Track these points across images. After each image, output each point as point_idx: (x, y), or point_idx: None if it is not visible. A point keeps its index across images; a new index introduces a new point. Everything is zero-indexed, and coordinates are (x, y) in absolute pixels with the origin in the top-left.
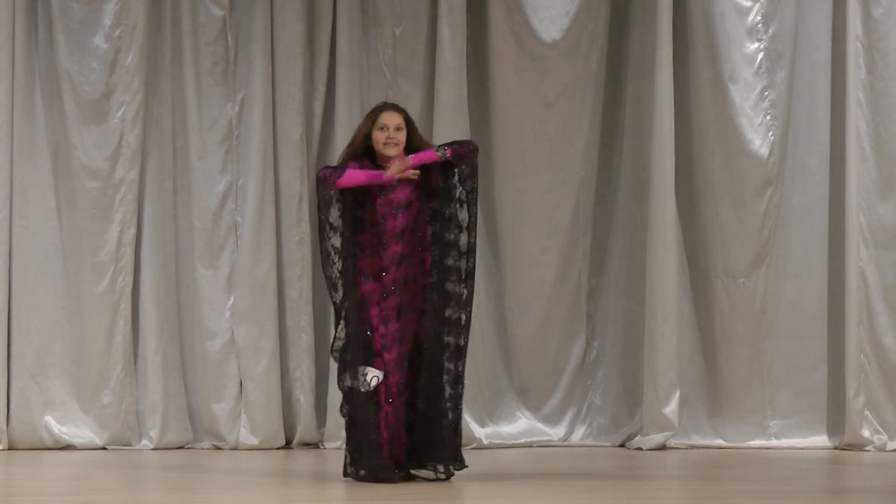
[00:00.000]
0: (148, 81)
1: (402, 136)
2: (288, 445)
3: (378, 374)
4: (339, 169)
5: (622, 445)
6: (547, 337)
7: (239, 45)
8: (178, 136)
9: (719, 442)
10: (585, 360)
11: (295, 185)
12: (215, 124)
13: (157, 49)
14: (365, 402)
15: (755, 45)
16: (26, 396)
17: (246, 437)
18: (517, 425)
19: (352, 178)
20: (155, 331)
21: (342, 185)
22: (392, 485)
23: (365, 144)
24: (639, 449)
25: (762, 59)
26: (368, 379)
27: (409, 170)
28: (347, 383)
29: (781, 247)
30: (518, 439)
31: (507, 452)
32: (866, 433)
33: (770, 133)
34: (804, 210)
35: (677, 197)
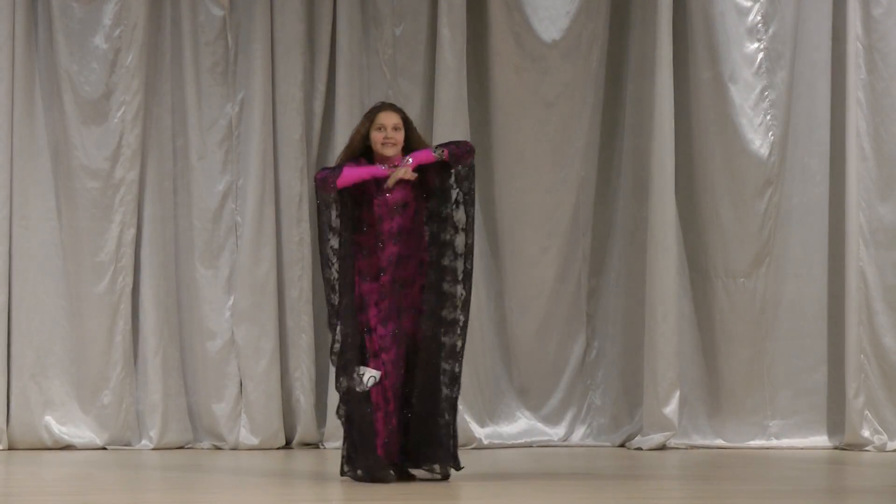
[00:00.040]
0: (148, 81)
1: (400, 136)
2: (288, 445)
3: (375, 373)
4: (336, 169)
5: (622, 445)
6: (547, 337)
7: (239, 45)
8: (178, 136)
9: (719, 442)
10: (585, 360)
11: (295, 185)
12: (215, 124)
13: (157, 49)
14: (361, 401)
15: (755, 45)
16: (26, 396)
17: (246, 437)
18: (517, 425)
19: (351, 175)
20: (155, 331)
21: (342, 184)
22: (391, 485)
23: (363, 145)
24: (639, 449)
25: (762, 59)
26: (365, 379)
27: (407, 166)
28: (344, 384)
29: (781, 247)
30: (518, 439)
31: (507, 452)
32: (866, 433)
33: (770, 133)
34: (804, 210)
35: (677, 197)
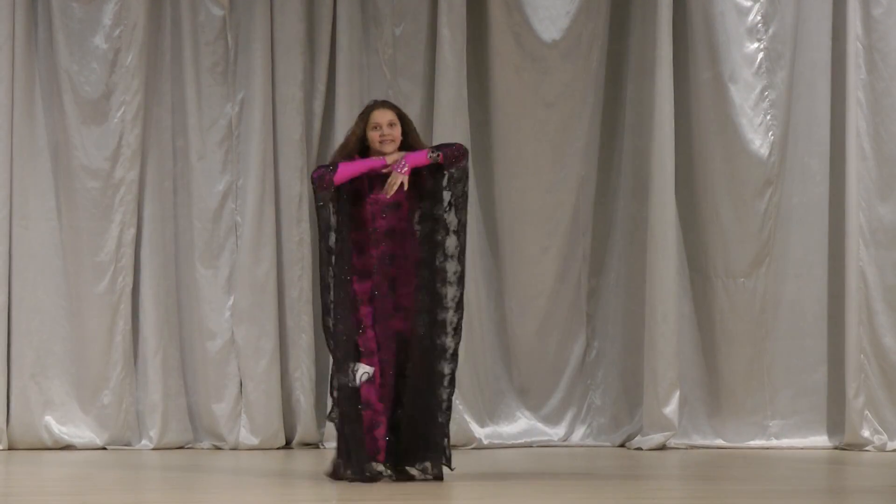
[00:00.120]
0: (148, 81)
1: (397, 132)
2: (288, 445)
3: (368, 369)
4: (332, 166)
5: (622, 445)
6: (547, 337)
7: (239, 45)
8: (178, 136)
9: (719, 442)
10: (585, 360)
11: (295, 185)
12: (215, 124)
13: (157, 49)
14: (354, 399)
15: (755, 45)
16: (26, 396)
17: (246, 437)
18: (517, 425)
19: (347, 170)
20: (155, 331)
21: (339, 180)
22: (391, 485)
23: (360, 146)
24: (639, 449)
25: (762, 59)
26: (359, 374)
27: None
28: (337, 380)
29: (781, 247)
30: (518, 439)
31: (507, 452)
32: (866, 433)
33: (770, 133)
34: (804, 210)
35: (677, 197)
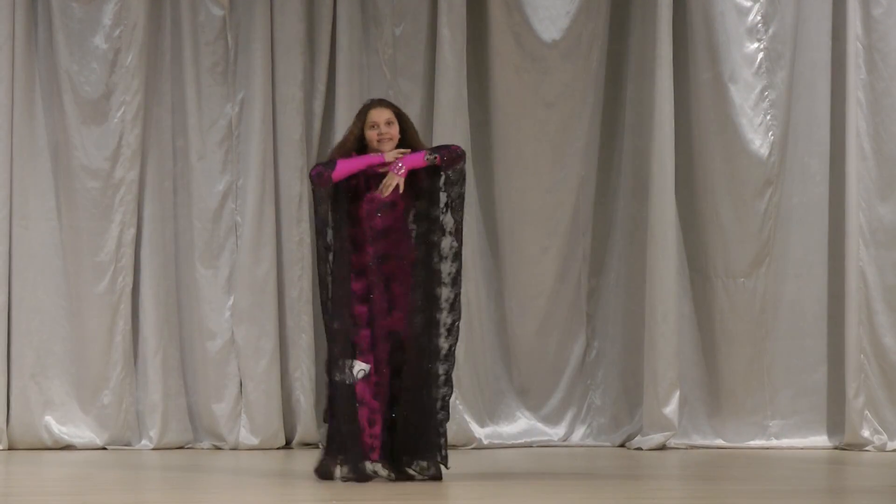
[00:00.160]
0: (148, 81)
1: (395, 130)
2: (288, 445)
3: (364, 366)
4: (330, 163)
5: (622, 445)
6: (547, 337)
7: (239, 45)
8: (178, 136)
9: (719, 442)
10: (585, 360)
11: (295, 185)
12: (215, 124)
13: (157, 49)
14: (349, 397)
15: (755, 45)
16: (26, 396)
17: (246, 437)
18: (517, 425)
19: (345, 167)
20: (155, 331)
21: (337, 176)
22: (391, 485)
23: (357, 145)
24: (639, 449)
25: (762, 59)
26: (355, 371)
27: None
28: (333, 377)
29: (781, 247)
30: (518, 439)
31: (507, 452)
32: (866, 433)
33: (770, 133)
34: (804, 210)
35: (677, 197)
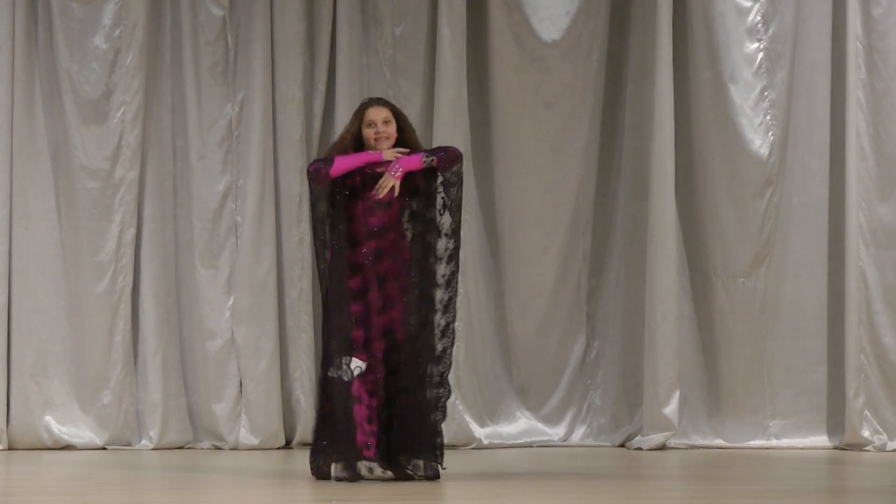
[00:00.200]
0: (148, 81)
1: (392, 129)
2: (288, 445)
3: (361, 363)
4: (328, 160)
5: (622, 445)
6: (547, 337)
7: (239, 45)
8: (178, 136)
9: (719, 442)
10: (585, 360)
11: (295, 185)
12: (215, 124)
13: (157, 49)
14: (345, 394)
15: (755, 45)
16: (26, 396)
17: (246, 437)
18: (517, 425)
19: (343, 164)
20: (155, 331)
21: (335, 173)
22: (390, 485)
23: (355, 144)
24: (639, 449)
25: (762, 59)
26: (352, 367)
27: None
28: (329, 373)
29: (781, 247)
30: (518, 439)
31: (507, 452)
32: (866, 433)
33: (770, 133)
34: (804, 210)
35: (677, 197)
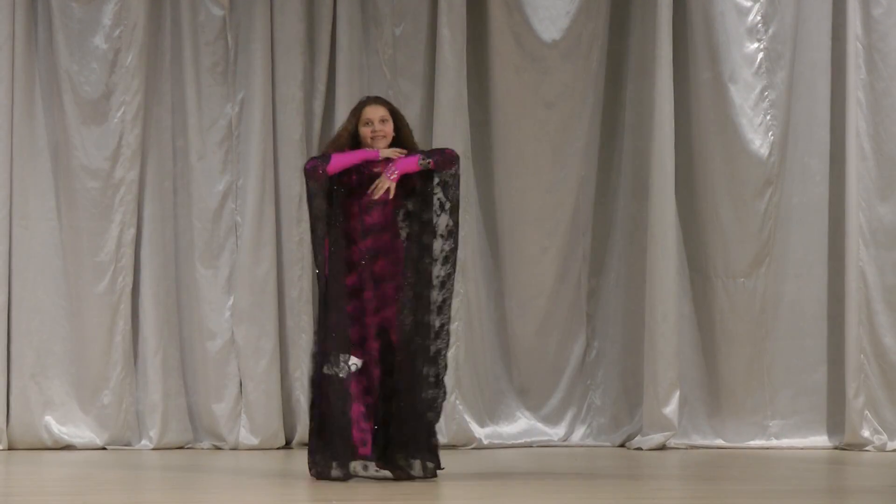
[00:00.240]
0: (148, 81)
1: (389, 128)
2: (288, 445)
3: (357, 361)
4: (325, 157)
5: (622, 445)
6: (547, 337)
7: (239, 45)
8: (178, 136)
9: (719, 442)
10: (585, 360)
11: (295, 185)
12: (215, 124)
13: (157, 49)
14: (340, 391)
15: (755, 45)
16: (26, 396)
17: (246, 437)
18: (517, 425)
19: (340, 161)
20: (155, 331)
21: (332, 170)
22: (390, 485)
23: (351, 142)
24: (639, 449)
25: (762, 59)
26: (350, 364)
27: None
28: (326, 371)
29: (781, 247)
30: (518, 439)
31: (507, 452)
32: (866, 433)
33: (770, 133)
34: (804, 210)
35: (677, 197)
